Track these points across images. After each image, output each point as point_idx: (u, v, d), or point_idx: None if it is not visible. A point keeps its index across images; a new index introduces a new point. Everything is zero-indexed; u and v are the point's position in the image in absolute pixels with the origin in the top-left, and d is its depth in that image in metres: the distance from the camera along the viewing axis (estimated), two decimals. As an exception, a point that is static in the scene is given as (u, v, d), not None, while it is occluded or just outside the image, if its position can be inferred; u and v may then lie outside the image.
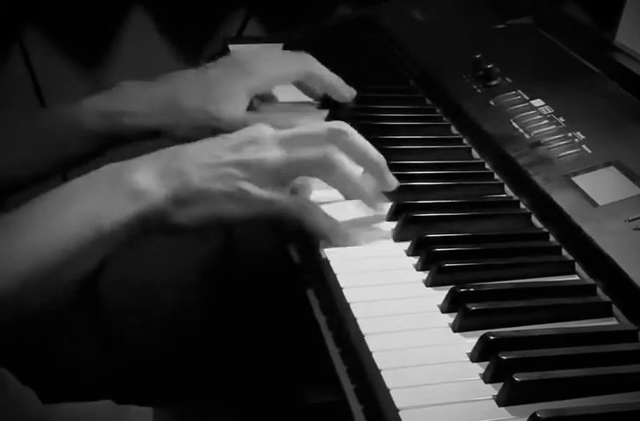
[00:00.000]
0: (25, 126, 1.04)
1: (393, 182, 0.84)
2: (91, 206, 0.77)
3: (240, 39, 1.50)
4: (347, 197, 0.84)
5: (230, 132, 0.95)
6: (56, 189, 0.79)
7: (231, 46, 1.28)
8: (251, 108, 1.05)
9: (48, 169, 1.06)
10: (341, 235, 0.82)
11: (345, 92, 1.07)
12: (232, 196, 0.79)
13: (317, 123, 0.84)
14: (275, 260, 1.00)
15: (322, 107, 1.10)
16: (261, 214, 0.81)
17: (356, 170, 0.83)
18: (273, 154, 0.80)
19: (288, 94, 1.11)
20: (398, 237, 0.83)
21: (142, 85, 1.03)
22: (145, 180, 0.77)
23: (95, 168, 0.81)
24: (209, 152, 0.80)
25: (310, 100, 1.12)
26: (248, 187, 0.79)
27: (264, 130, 0.83)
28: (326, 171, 0.81)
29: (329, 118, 1.06)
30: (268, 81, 1.05)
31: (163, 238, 0.99)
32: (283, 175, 0.81)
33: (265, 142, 0.81)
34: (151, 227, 0.79)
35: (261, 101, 1.09)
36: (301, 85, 1.09)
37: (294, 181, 0.84)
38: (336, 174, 0.81)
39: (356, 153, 0.82)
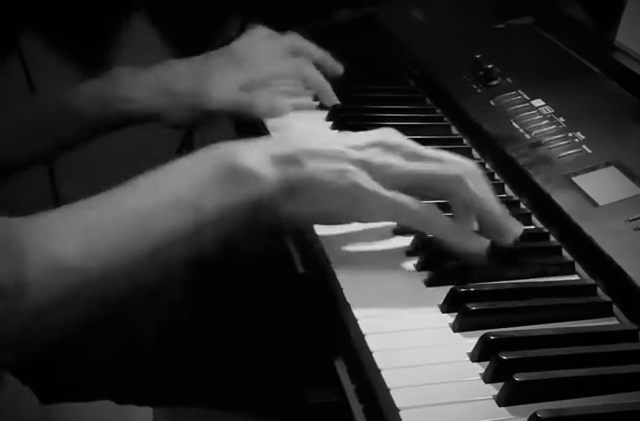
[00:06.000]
0: (22, 112, 1.05)
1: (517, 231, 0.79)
2: (193, 188, 0.72)
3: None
4: (484, 226, 0.78)
5: (218, 113, 1.01)
6: (159, 169, 0.73)
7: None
8: None
9: (40, 154, 1.07)
10: (477, 242, 0.76)
11: (331, 100, 1.08)
12: (345, 191, 0.74)
13: (452, 155, 0.79)
14: (275, 257, 1.00)
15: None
16: (376, 215, 0.76)
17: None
18: (397, 161, 0.76)
19: None
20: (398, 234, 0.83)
21: (138, 71, 1.05)
22: (259, 164, 0.72)
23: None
24: (330, 146, 0.76)
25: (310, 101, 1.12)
26: (365, 181, 0.74)
27: (394, 136, 0.79)
28: (451, 190, 0.76)
29: (329, 118, 1.06)
30: (262, 77, 1.06)
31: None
32: (402, 186, 0.76)
33: (391, 149, 0.77)
34: (258, 215, 0.74)
35: None
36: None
37: None
38: (462, 195, 0.76)
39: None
